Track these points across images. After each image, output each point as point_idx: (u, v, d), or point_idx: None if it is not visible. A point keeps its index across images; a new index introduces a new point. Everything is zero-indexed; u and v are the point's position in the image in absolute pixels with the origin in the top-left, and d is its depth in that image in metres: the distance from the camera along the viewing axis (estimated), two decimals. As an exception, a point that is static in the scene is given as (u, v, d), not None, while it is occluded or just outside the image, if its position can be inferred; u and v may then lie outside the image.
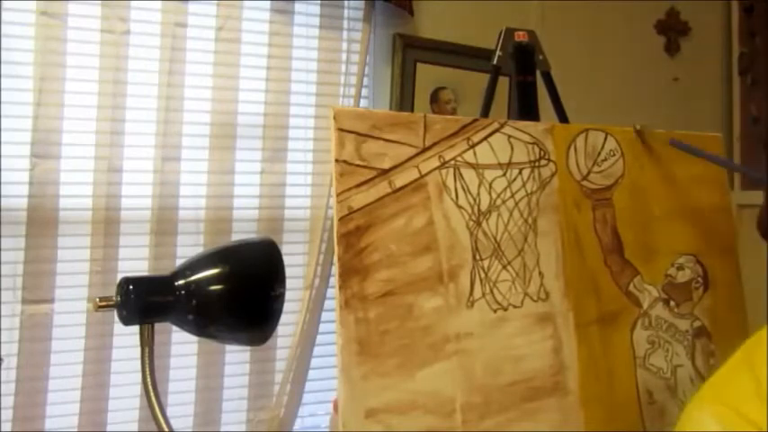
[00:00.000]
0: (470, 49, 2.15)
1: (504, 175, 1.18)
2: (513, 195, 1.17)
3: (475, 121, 1.18)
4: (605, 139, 1.28)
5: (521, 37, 1.46)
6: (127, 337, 1.49)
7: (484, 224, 1.14)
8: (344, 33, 2.09)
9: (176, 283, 1.04)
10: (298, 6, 2.04)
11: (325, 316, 2.01)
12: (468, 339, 1.09)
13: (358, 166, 1.06)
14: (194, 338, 1.58)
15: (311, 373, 2.02)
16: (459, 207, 1.13)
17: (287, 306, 1.10)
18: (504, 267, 1.15)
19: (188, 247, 1.85)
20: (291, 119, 2.02)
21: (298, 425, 2.03)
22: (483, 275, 1.13)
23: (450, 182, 1.13)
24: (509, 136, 1.19)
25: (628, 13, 2.51)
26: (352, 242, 1.04)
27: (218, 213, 1.92)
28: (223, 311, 1.06)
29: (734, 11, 2.64)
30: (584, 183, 1.25)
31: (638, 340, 1.25)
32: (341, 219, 1.04)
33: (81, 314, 1.77)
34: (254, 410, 1.96)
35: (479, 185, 1.15)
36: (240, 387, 1.95)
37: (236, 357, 1.93)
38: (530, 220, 1.18)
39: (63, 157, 1.77)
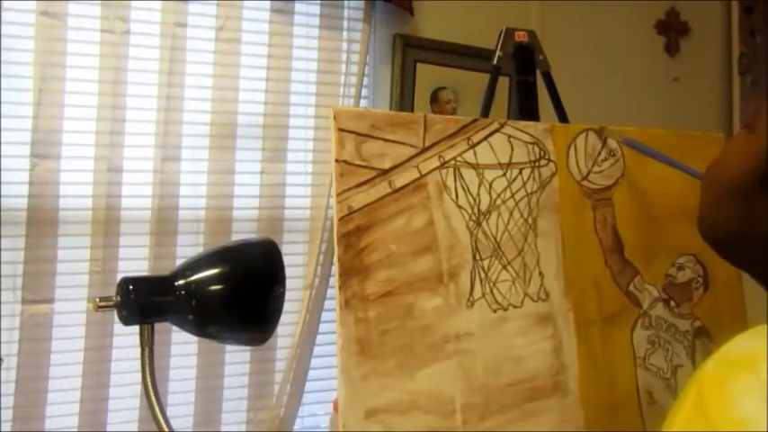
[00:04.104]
0: (470, 49, 2.15)
1: (504, 175, 1.18)
2: (513, 195, 1.17)
3: (475, 121, 1.18)
4: (605, 139, 1.28)
5: (521, 37, 1.46)
6: (127, 337, 1.49)
7: (484, 224, 1.14)
8: (344, 33, 2.09)
9: (176, 283, 1.04)
10: (298, 6, 2.03)
11: (325, 316, 2.01)
12: (468, 339, 1.10)
13: (358, 166, 1.06)
14: (194, 338, 1.58)
15: (311, 373, 2.01)
16: (460, 207, 1.13)
17: (287, 306, 1.10)
18: (504, 267, 1.15)
19: (188, 247, 1.85)
20: (291, 119, 2.02)
21: (298, 425, 2.03)
22: (483, 275, 1.13)
23: (450, 182, 1.13)
24: (509, 136, 1.19)
25: (628, 13, 2.51)
26: (352, 242, 1.04)
27: (218, 213, 1.92)
28: (223, 311, 1.06)
29: (734, 11, 2.63)
30: (585, 183, 1.25)
31: (638, 340, 1.25)
32: (341, 219, 1.04)
33: (81, 314, 1.77)
34: (254, 410, 1.96)
35: (479, 185, 1.15)
36: (240, 387, 1.95)
37: (236, 357, 1.93)
38: (530, 220, 1.18)
39: (63, 157, 1.76)
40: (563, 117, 1.49)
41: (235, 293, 1.06)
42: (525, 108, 1.42)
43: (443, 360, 1.07)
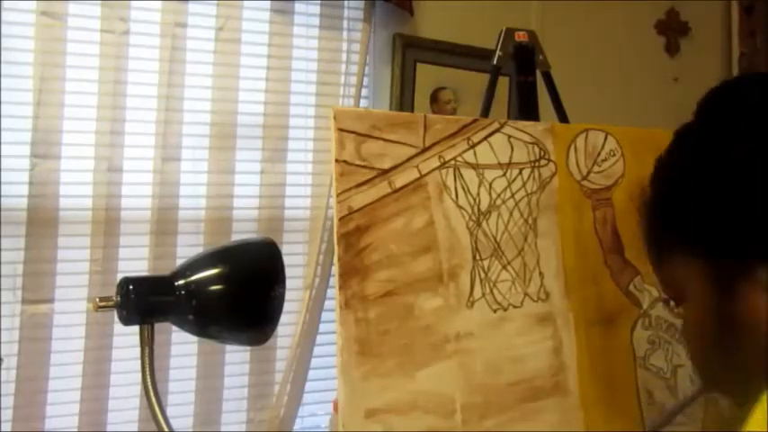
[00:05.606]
0: (470, 49, 2.15)
1: (504, 175, 1.18)
2: (513, 195, 1.18)
3: (475, 121, 1.18)
4: (605, 139, 1.28)
5: (521, 37, 1.46)
6: (127, 337, 1.49)
7: (484, 224, 1.14)
8: (344, 33, 2.09)
9: (176, 283, 1.04)
10: (298, 6, 2.03)
11: (325, 316, 2.01)
12: (468, 339, 1.10)
13: (358, 166, 1.07)
14: (194, 338, 1.58)
15: (311, 373, 2.01)
16: (459, 207, 1.13)
17: (287, 306, 1.10)
18: (504, 267, 1.15)
19: (188, 247, 1.84)
20: (291, 119, 2.02)
21: (298, 425, 2.03)
22: (483, 275, 1.13)
23: (450, 182, 1.13)
24: (509, 136, 1.19)
25: (628, 13, 2.50)
26: (352, 242, 1.04)
27: (218, 213, 1.92)
28: (223, 311, 1.06)
29: (734, 11, 2.63)
30: (585, 183, 1.25)
31: (638, 340, 1.25)
32: (341, 219, 1.04)
33: (81, 314, 1.77)
34: (254, 410, 1.96)
35: (479, 185, 1.15)
36: (240, 387, 1.95)
37: (236, 357, 1.93)
38: (530, 221, 1.18)
39: (63, 157, 1.76)
40: (563, 117, 1.49)
41: (235, 293, 1.05)
42: (525, 108, 1.42)
43: (443, 360, 1.07)
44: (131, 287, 1.01)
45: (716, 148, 0.69)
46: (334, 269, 1.03)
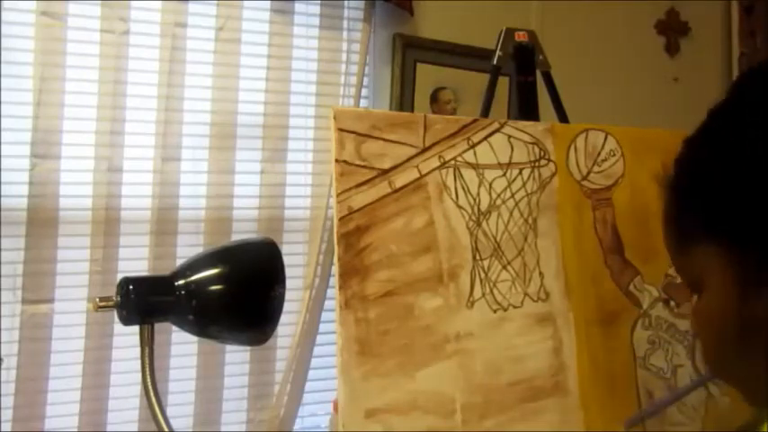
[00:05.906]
0: (470, 49, 2.15)
1: (504, 175, 1.18)
2: (513, 195, 1.17)
3: (475, 121, 1.18)
4: (605, 139, 1.28)
5: (521, 37, 1.46)
6: (127, 337, 1.49)
7: (484, 224, 1.14)
8: (344, 33, 2.09)
9: (176, 283, 1.04)
10: (298, 6, 2.03)
11: (325, 316, 2.01)
12: (468, 339, 1.10)
13: (358, 166, 1.07)
14: (194, 338, 1.58)
15: (311, 373, 2.01)
16: (459, 207, 1.13)
17: (287, 306, 1.10)
18: (504, 267, 1.15)
19: (188, 247, 1.84)
20: (291, 119, 2.02)
21: (298, 425, 2.03)
22: (483, 275, 1.13)
23: (450, 182, 1.13)
24: (509, 136, 1.19)
25: (628, 13, 2.51)
26: (352, 242, 1.04)
27: (218, 213, 1.92)
28: (223, 311, 1.06)
29: (734, 11, 2.64)
30: (585, 183, 1.25)
31: (638, 340, 1.25)
32: (341, 219, 1.04)
33: (81, 314, 1.77)
34: (254, 410, 1.96)
35: (479, 185, 1.15)
36: (240, 387, 1.95)
37: (236, 357, 1.93)
38: (530, 220, 1.18)
39: (63, 157, 1.76)
40: (563, 117, 1.49)
41: (235, 293, 1.05)
42: (525, 108, 1.42)
43: (443, 360, 1.07)
44: (131, 287, 1.01)
45: (760, 125, 0.63)
46: (334, 269, 1.03)
